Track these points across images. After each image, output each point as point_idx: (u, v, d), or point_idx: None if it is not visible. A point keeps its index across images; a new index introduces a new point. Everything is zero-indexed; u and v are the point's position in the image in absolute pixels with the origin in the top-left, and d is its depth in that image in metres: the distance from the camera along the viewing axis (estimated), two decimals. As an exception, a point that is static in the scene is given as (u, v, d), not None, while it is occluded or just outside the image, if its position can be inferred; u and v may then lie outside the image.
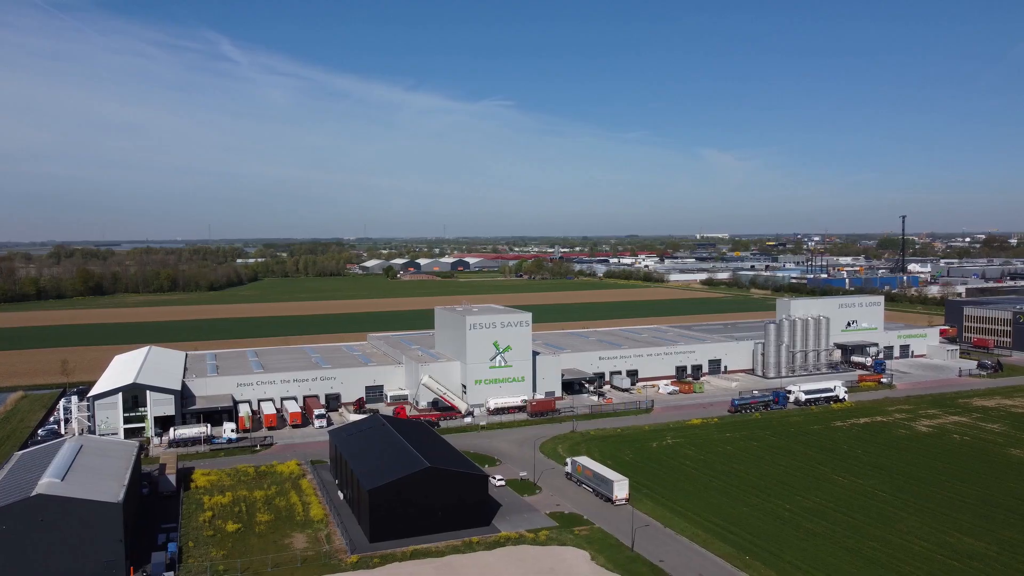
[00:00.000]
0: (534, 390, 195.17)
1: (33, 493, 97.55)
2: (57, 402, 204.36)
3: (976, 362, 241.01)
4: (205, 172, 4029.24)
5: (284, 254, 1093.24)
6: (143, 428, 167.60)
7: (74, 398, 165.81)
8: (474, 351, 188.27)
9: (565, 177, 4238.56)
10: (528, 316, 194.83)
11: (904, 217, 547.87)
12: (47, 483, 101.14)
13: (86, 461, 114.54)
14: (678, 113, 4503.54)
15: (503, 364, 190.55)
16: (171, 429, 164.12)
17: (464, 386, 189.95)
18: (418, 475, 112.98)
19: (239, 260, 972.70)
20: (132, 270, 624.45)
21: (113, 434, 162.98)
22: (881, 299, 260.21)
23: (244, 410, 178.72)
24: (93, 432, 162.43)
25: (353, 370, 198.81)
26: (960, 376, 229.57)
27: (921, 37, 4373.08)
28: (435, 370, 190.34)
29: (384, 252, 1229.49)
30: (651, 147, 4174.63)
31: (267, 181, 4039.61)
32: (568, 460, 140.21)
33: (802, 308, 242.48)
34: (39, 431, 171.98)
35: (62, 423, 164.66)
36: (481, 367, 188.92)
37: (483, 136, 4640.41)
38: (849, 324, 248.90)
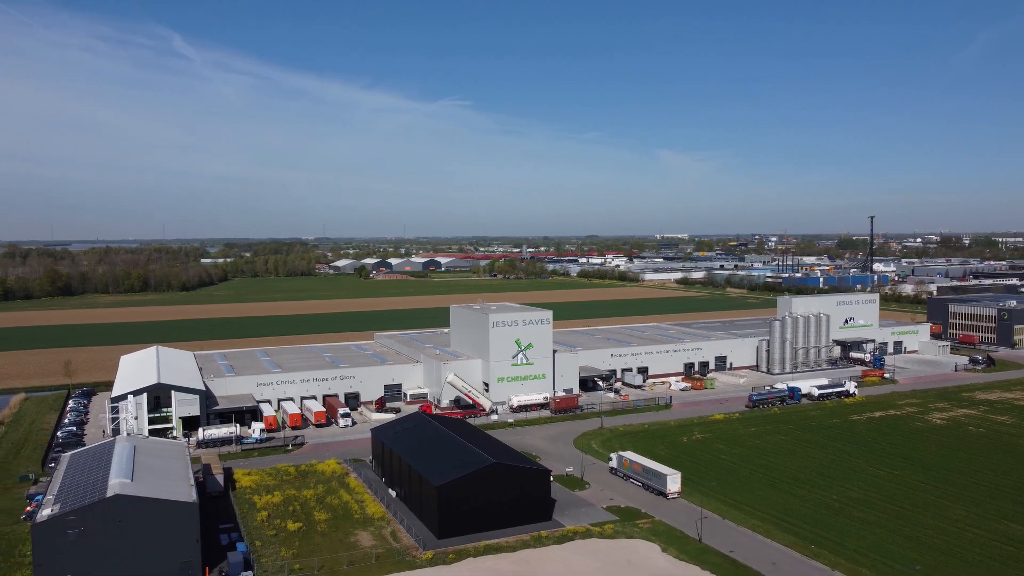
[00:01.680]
0: (553, 387, 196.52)
1: (110, 494, 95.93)
2: (66, 404, 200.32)
3: (968, 358, 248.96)
4: (158, 170, 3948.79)
5: (248, 254, 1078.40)
6: (168, 429, 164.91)
7: (131, 398, 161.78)
8: (497, 349, 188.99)
9: (523, 177, 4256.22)
10: (549, 314, 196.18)
11: (873, 218, 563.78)
12: (119, 483, 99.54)
13: (145, 461, 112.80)
14: (634, 114, 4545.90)
15: (525, 362, 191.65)
16: (200, 429, 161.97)
17: (486, 384, 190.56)
18: (485, 471, 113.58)
19: (203, 260, 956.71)
20: (100, 270, 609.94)
21: (138, 435, 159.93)
22: (876, 297, 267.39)
23: (268, 410, 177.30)
24: (118, 433, 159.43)
25: (372, 369, 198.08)
26: (956, 371, 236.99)
27: (869, 41, 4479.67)
28: (457, 368, 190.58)
29: (352, 252, 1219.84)
30: (608, 148, 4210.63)
31: (222, 180, 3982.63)
32: (613, 455, 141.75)
33: (803, 306, 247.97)
34: (58, 433, 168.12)
35: (116, 423, 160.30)
36: (503, 365, 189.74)
37: (441, 136, 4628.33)
38: (847, 321, 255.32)
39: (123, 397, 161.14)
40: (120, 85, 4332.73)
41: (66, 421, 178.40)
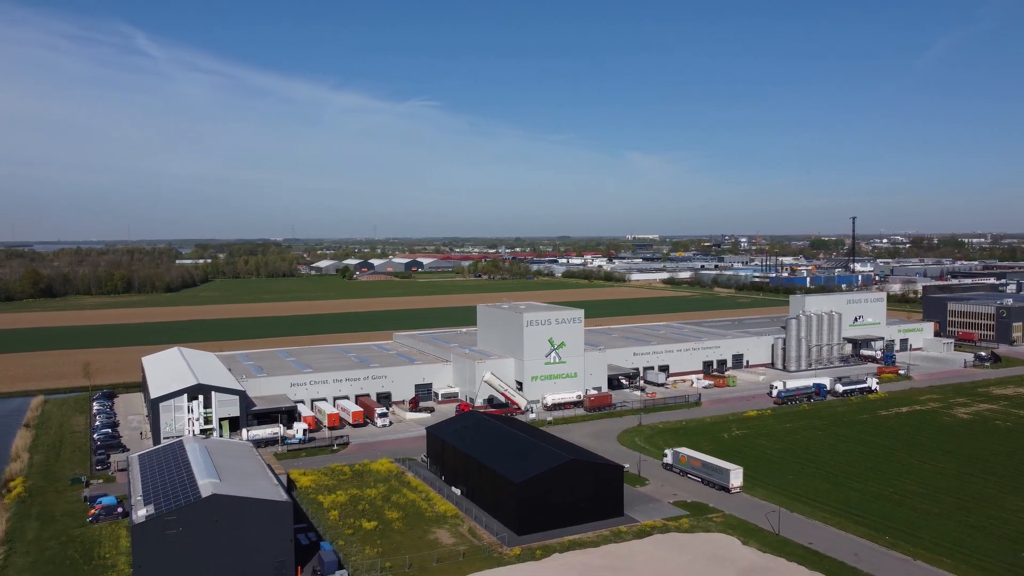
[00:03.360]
0: (584, 386, 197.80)
1: (205, 494, 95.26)
2: (91, 406, 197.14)
3: (973, 354, 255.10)
4: (120, 170, 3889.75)
5: (223, 255, 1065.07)
6: (209, 430, 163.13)
7: (185, 399, 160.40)
8: (531, 348, 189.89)
9: (494, 179, 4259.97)
10: (580, 313, 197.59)
11: (855, 219, 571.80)
12: (210, 484, 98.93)
13: (222, 462, 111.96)
14: (603, 115, 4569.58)
15: (557, 360, 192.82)
16: (244, 430, 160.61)
17: (519, 383, 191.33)
18: (563, 467, 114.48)
19: (178, 261, 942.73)
20: (82, 271, 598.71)
21: (178, 436, 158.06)
22: (883, 295, 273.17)
23: (304, 410, 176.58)
24: (158, 435, 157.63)
25: (403, 368, 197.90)
26: (965, 367, 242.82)
27: (831, 44, 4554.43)
28: (491, 367, 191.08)
29: (330, 253, 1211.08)
30: (578, 149, 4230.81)
31: (187, 180, 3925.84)
32: (668, 451, 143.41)
33: (815, 304, 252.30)
34: (94, 435, 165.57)
35: (173, 426, 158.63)
36: (537, 363, 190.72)
37: (410, 136, 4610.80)
38: (856, 319, 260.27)
39: (164, 398, 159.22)
40: (82, 83, 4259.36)
41: (97, 423, 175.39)
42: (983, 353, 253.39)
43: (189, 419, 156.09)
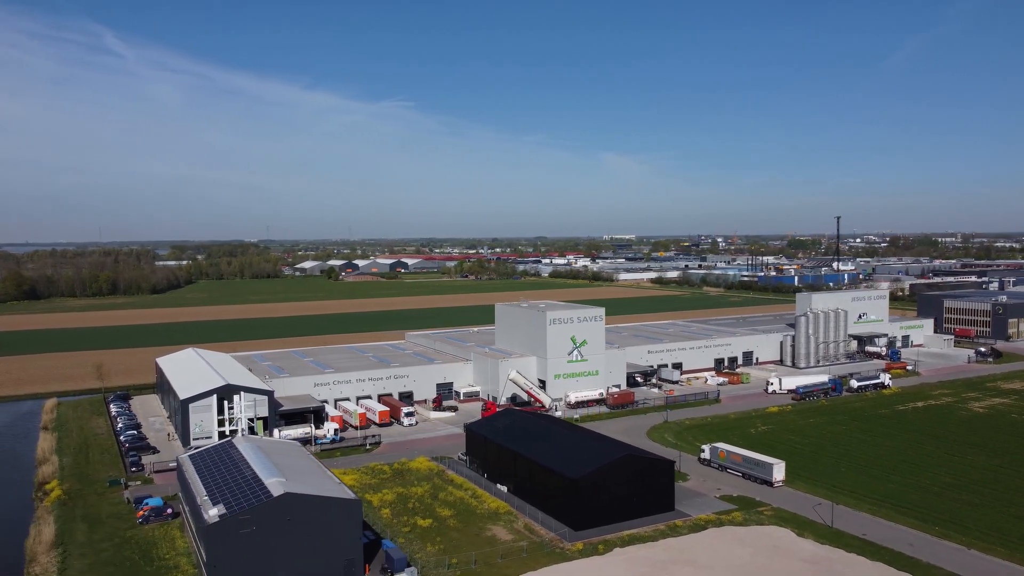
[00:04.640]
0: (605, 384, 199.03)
1: (277, 493, 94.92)
2: (108, 408, 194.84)
3: (974, 350, 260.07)
4: (89, 171, 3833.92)
5: (201, 257, 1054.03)
6: (236, 431, 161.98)
7: (214, 400, 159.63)
8: (554, 346, 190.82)
9: (470, 179, 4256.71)
10: (601, 311, 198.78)
11: (839, 218, 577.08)
12: (278, 483, 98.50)
13: (280, 461, 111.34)
14: (577, 117, 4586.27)
15: (579, 358, 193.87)
16: (276, 430, 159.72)
17: (542, 381, 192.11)
18: (618, 462, 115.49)
19: (157, 263, 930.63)
20: (66, 273, 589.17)
21: (207, 438, 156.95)
22: (886, 293, 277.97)
23: (331, 410, 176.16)
24: (187, 437, 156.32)
25: (424, 368, 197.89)
26: (969, 363, 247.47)
27: (798, 47, 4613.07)
28: (514, 366, 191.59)
29: (312, 254, 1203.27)
30: (552, 149, 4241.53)
31: (158, 181, 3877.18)
32: (705, 447, 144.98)
33: (821, 302, 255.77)
34: (120, 437, 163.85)
35: (202, 427, 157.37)
36: (560, 362, 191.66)
37: (385, 137, 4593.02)
38: (860, 317, 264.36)
39: (194, 399, 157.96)
40: (49, 83, 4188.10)
41: (120, 425, 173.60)
42: (984, 349, 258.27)
43: (245, 417, 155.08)
